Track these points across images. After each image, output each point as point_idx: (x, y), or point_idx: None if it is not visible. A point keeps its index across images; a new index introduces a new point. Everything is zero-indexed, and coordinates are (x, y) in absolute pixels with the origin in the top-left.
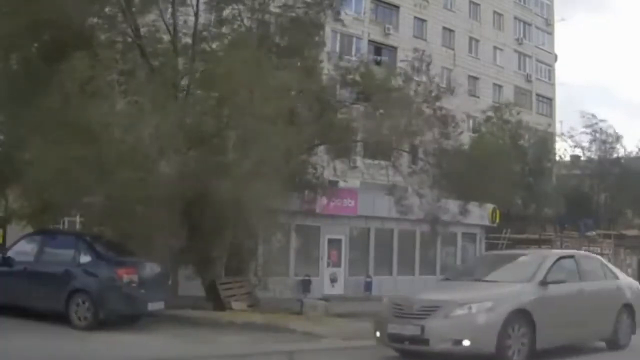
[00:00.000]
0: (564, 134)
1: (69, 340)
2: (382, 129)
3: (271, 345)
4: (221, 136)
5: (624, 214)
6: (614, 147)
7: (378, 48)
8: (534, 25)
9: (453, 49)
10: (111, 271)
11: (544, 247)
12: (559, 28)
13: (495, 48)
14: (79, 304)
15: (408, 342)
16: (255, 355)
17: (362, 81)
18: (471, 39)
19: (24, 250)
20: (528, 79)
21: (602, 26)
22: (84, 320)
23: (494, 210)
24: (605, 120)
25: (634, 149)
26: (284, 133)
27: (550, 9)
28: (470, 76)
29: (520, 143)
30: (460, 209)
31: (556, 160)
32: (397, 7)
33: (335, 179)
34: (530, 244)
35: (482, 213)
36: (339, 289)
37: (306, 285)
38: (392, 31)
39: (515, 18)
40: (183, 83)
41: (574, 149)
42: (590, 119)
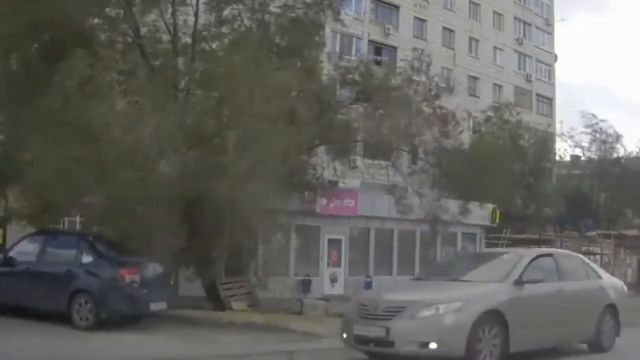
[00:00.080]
0: (563, 134)
1: (69, 340)
2: (382, 129)
3: (271, 345)
4: (221, 136)
5: (624, 214)
6: (614, 146)
7: (378, 48)
8: (534, 25)
9: (453, 49)
10: (113, 271)
11: (543, 247)
12: (559, 28)
13: (495, 48)
14: (81, 304)
15: (373, 344)
16: (255, 355)
17: (362, 80)
18: (471, 39)
19: (25, 250)
20: (528, 79)
21: (602, 26)
22: (86, 320)
23: (494, 210)
24: (605, 120)
25: (634, 148)
26: (283, 133)
27: (550, 9)
28: (470, 76)
29: (520, 143)
30: (461, 209)
31: (556, 160)
32: (397, 7)
33: (335, 179)
34: (530, 244)
35: (482, 213)
36: (339, 289)
37: (306, 285)
38: (392, 31)
39: (515, 18)
40: (183, 83)
41: (574, 149)
42: (590, 119)
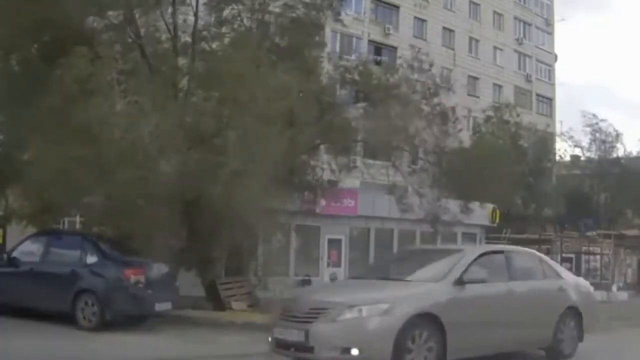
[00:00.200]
0: (563, 133)
1: (70, 340)
2: (382, 128)
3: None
4: (221, 136)
5: (624, 214)
6: (614, 146)
7: (378, 48)
8: (534, 25)
9: (453, 49)
10: (118, 271)
11: (543, 247)
12: (559, 28)
13: (495, 48)
14: (86, 304)
15: (294, 349)
16: (255, 355)
17: (361, 80)
18: (471, 39)
19: (29, 251)
20: (528, 79)
21: (602, 26)
22: (90, 321)
23: (494, 210)
24: (605, 119)
25: (634, 148)
26: (283, 133)
27: (550, 9)
28: (470, 76)
29: (520, 143)
30: (462, 208)
31: (556, 160)
32: (397, 7)
33: (335, 179)
34: (530, 244)
35: (482, 213)
36: None
37: (306, 285)
38: (392, 31)
39: (515, 18)
40: (183, 83)
41: (574, 148)
42: (590, 119)
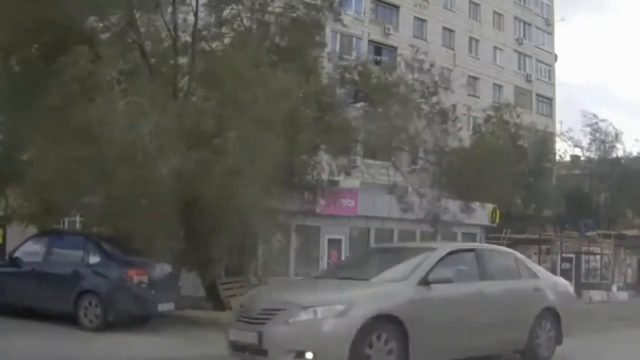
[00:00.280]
0: (563, 133)
1: (71, 340)
2: (382, 128)
3: None
4: (221, 136)
5: (624, 214)
6: (614, 145)
7: (378, 48)
8: (534, 25)
9: (453, 49)
10: (121, 272)
11: (543, 247)
12: (559, 28)
13: (495, 48)
14: (88, 305)
15: (249, 352)
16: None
17: (361, 79)
18: (471, 39)
19: (31, 251)
20: (528, 79)
21: (602, 26)
22: (92, 321)
23: (494, 210)
24: (605, 119)
25: (634, 148)
26: (283, 134)
27: (550, 9)
28: (470, 76)
29: (520, 143)
30: (463, 207)
31: (556, 160)
32: (397, 7)
33: (335, 179)
34: (530, 244)
35: (482, 213)
36: None
37: None
38: (392, 31)
39: (515, 18)
40: (183, 83)
41: (574, 148)
42: (590, 119)
